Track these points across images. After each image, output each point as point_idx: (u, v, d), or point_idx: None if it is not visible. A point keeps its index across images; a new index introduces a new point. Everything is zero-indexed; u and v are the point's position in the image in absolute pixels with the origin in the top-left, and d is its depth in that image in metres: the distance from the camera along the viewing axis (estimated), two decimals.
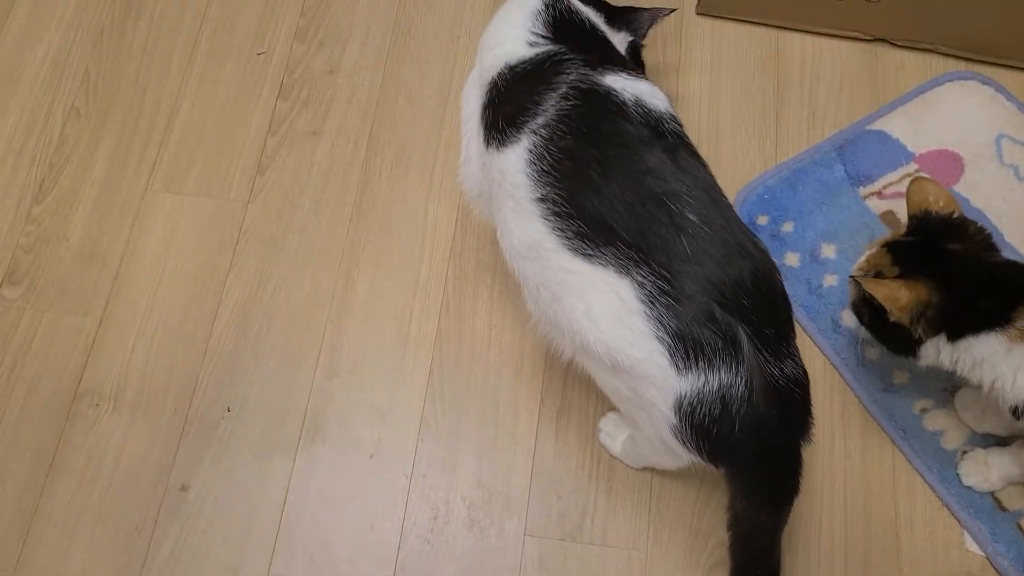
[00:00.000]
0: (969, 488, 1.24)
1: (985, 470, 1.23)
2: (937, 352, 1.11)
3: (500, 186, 1.05)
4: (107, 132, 1.51)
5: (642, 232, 0.94)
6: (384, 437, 1.31)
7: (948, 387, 1.30)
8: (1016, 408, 1.06)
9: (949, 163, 1.46)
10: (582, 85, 1.02)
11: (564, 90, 1.02)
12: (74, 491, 1.26)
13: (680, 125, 1.06)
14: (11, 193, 1.46)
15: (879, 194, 1.44)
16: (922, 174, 1.45)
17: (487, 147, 1.07)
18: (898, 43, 1.57)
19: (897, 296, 1.07)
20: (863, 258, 1.17)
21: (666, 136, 1.02)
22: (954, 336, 1.08)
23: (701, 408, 0.92)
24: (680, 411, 0.93)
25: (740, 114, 1.53)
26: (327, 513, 1.26)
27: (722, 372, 0.91)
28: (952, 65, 1.56)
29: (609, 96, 1.02)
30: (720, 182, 1.09)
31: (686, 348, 0.91)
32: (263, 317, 1.38)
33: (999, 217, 1.42)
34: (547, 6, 1.12)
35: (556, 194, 0.98)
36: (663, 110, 1.04)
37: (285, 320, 1.37)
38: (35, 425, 1.30)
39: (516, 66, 1.07)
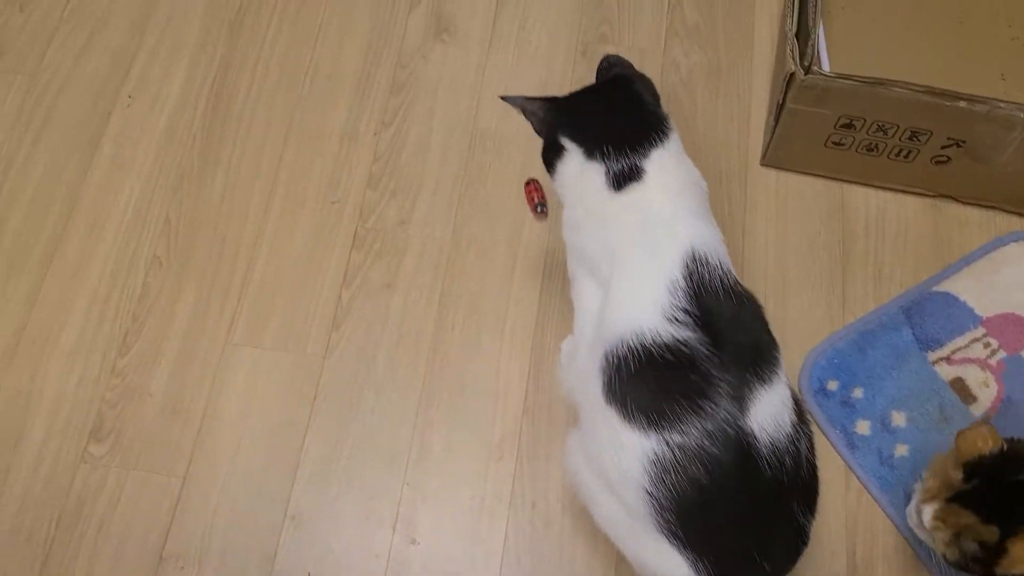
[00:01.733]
0: None
1: None
2: None
3: (603, 456, 1.09)
4: (188, 282, 1.55)
5: None
6: None
7: None
8: None
9: (1017, 328, 1.48)
10: (728, 431, 1.01)
11: (710, 428, 1.01)
12: None
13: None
14: (97, 345, 1.50)
15: (948, 360, 1.45)
16: (989, 339, 1.46)
17: (604, 397, 1.08)
18: (962, 199, 1.59)
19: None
20: (929, 516, 1.16)
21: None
22: None
23: None
24: None
25: (806, 270, 1.56)
26: None
27: None
28: (1016, 223, 1.58)
29: (750, 451, 1.03)
30: (788, 341, 1.28)
31: None
32: (341, 478, 1.41)
33: None
34: (689, 275, 1.08)
35: (666, 503, 1.03)
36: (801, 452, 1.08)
37: (363, 481, 1.41)
38: None
39: (652, 350, 1.04)
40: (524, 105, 1.22)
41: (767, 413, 1.04)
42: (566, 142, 1.19)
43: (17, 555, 1.35)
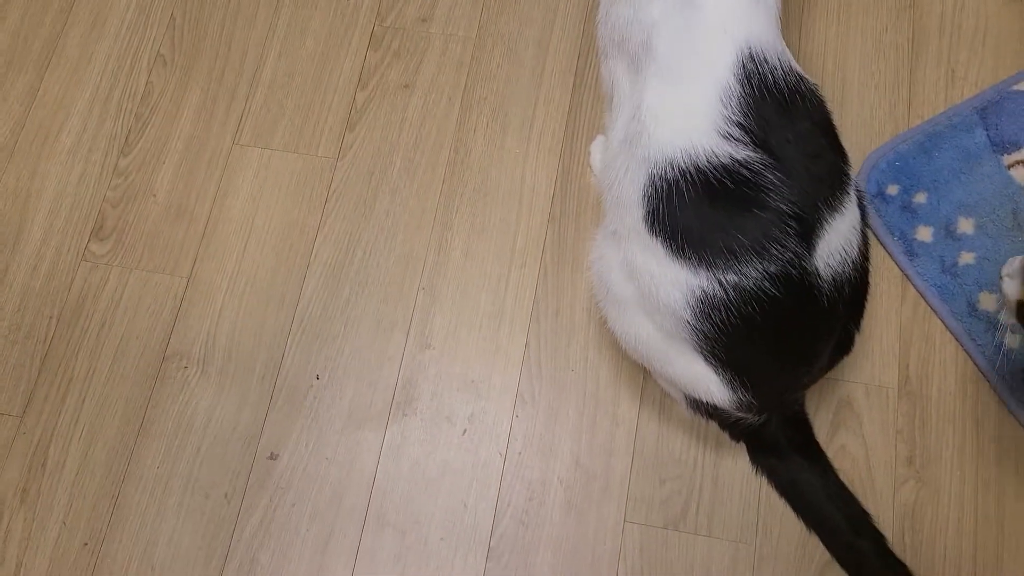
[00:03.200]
0: None
1: None
2: None
3: (640, 279, 0.97)
4: (193, 82, 1.45)
5: None
6: (477, 412, 1.25)
7: None
8: None
9: None
10: (792, 272, 0.88)
11: (773, 271, 0.88)
12: (163, 456, 1.23)
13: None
14: (98, 145, 1.42)
15: None
16: None
17: (647, 226, 0.93)
18: None
19: None
20: None
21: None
22: None
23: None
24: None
25: (870, 71, 1.40)
26: (419, 489, 1.21)
27: None
28: None
29: (812, 290, 0.90)
30: (847, 146, 1.02)
31: None
32: (353, 282, 1.32)
33: None
34: (748, 78, 0.90)
35: (711, 334, 0.92)
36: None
37: (376, 286, 1.31)
38: (124, 386, 1.27)
39: (708, 173, 0.88)
40: None
41: (835, 245, 0.92)
42: None
43: (16, 351, 1.30)
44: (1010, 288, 1.05)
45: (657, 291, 0.95)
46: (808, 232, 0.89)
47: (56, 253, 1.35)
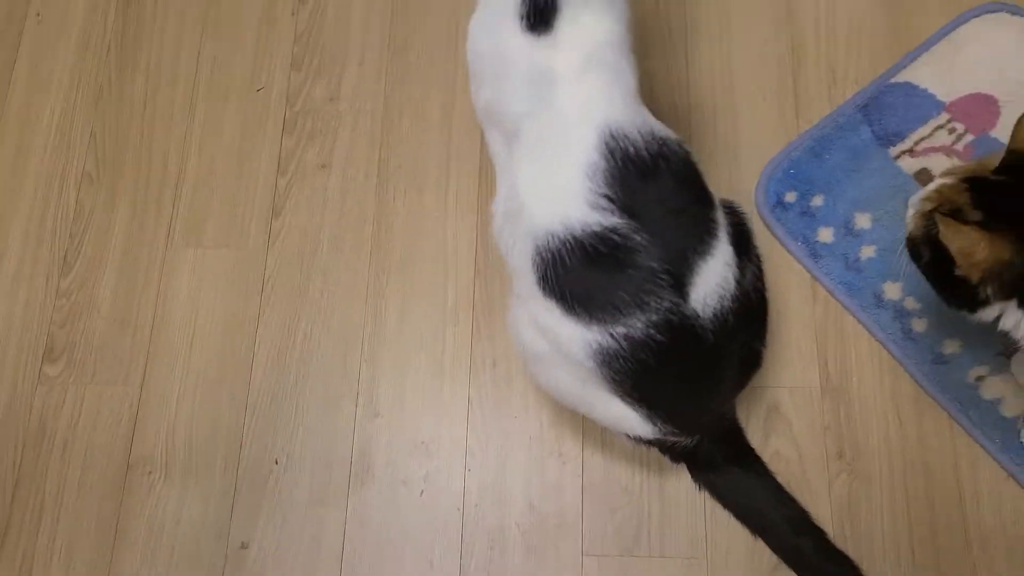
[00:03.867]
0: None
1: None
2: (1000, 315, 1.01)
3: (546, 335, 1.04)
4: (121, 193, 1.51)
5: None
6: (432, 472, 1.31)
7: (1004, 351, 1.25)
8: None
9: (984, 107, 1.38)
10: (672, 319, 0.96)
11: (655, 319, 0.96)
12: (140, 562, 1.29)
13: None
14: (39, 269, 1.47)
15: (911, 152, 1.37)
16: (954, 123, 1.37)
17: (540, 290, 1.01)
18: None
19: (974, 251, 0.93)
20: (932, 186, 1.02)
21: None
22: None
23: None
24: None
25: (756, 83, 1.47)
26: (385, 556, 1.27)
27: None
28: None
29: (695, 330, 0.98)
30: (741, 158, 1.27)
31: None
32: (298, 364, 1.38)
33: None
34: (611, 153, 0.97)
35: (616, 378, 1.00)
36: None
37: (320, 364, 1.38)
38: (94, 500, 1.33)
39: (584, 241, 0.96)
40: None
41: (710, 286, 0.99)
42: None
43: None
44: (908, 217, 1.07)
45: (561, 346, 1.03)
46: (680, 282, 0.96)
47: (12, 382, 1.41)
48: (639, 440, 1.13)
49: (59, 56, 1.62)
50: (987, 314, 1.00)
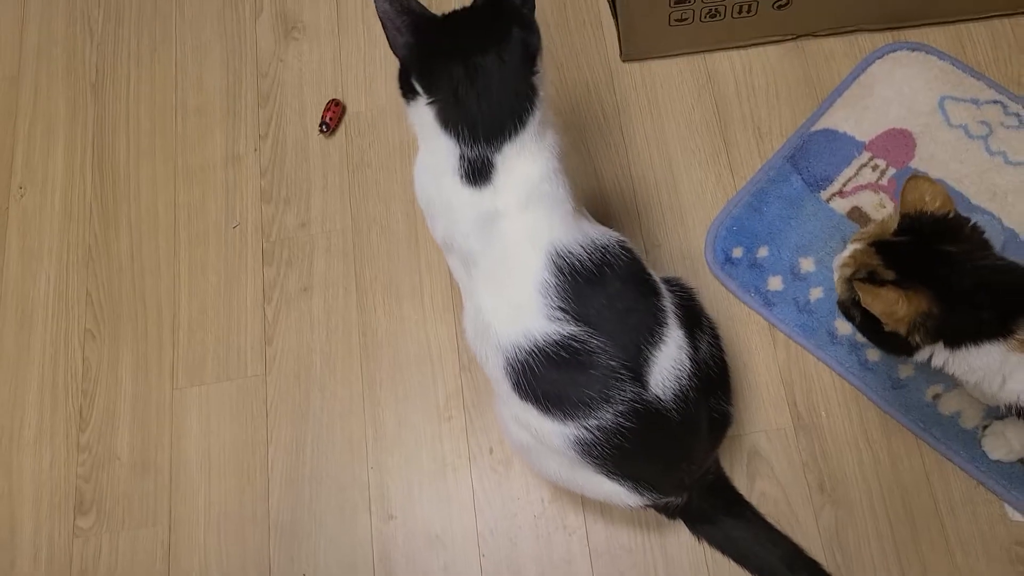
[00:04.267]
0: (997, 461, 1.29)
1: (1006, 442, 1.28)
2: (932, 356, 1.10)
3: (529, 431, 1.15)
4: (123, 345, 1.61)
5: None
6: (449, 562, 1.40)
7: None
8: (1012, 407, 1.09)
9: (900, 141, 1.49)
10: (637, 407, 1.06)
11: (621, 409, 1.05)
12: None
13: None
14: (58, 429, 1.57)
15: (840, 193, 1.48)
16: (876, 160, 1.48)
17: (516, 394, 1.10)
18: (821, 32, 1.59)
19: (895, 310, 1.03)
20: (847, 252, 1.13)
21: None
22: (953, 345, 1.06)
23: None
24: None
25: (691, 150, 1.58)
26: None
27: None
28: (879, 40, 1.58)
29: (660, 412, 1.08)
30: (687, 222, 1.44)
31: None
32: (310, 480, 1.48)
33: (959, 180, 1.45)
34: (559, 270, 1.06)
35: (598, 462, 1.10)
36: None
37: (330, 477, 1.47)
38: None
39: (548, 350, 1.05)
40: (389, 16, 1.04)
41: (666, 370, 1.09)
42: (418, 85, 1.06)
43: None
44: (835, 281, 1.16)
45: (544, 439, 1.13)
46: (638, 373, 1.06)
47: (49, 539, 1.50)
48: (632, 508, 1.23)
49: (46, 224, 1.73)
50: (921, 356, 1.09)
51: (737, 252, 1.47)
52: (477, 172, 1.06)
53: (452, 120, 1.06)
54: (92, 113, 1.81)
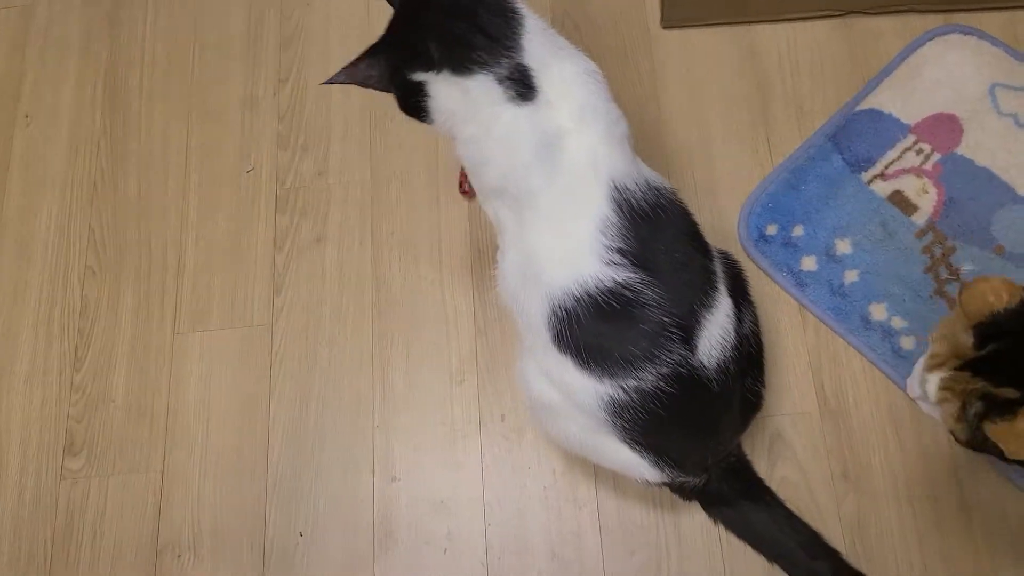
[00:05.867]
0: None
1: None
2: None
3: (559, 388, 1.09)
4: (124, 285, 1.55)
5: None
6: (453, 529, 1.34)
7: None
8: None
9: (947, 127, 1.44)
10: (681, 371, 1.01)
11: (664, 372, 1.00)
12: None
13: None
14: (51, 367, 1.51)
15: (882, 176, 1.42)
16: (921, 144, 1.43)
17: (556, 346, 1.05)
18: (871, 11, 1.54)
19: None
20: (935, 384, 0.97)
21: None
22: None
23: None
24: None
25: (728, 124, 1.52)
26: None
27: None
28: (930, 22, 1.53)
29: (702, 381, 1.03)
30: (720, 197, 1.38)
31: None
32: (313, 436, 1.42)
33: (1006, 170, 1.40)
34: (619, 207, 1.00)
35: (626, 427, 1.05)
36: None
37: (334, 434, 1.41)
38: None
39: (598, 298, 0.99)
40: (351, 77, 1.05)
41: (714, 337, 1.04)
42: (421, 76, 1.04)
43: None
44: (935, 414, 1.02)
45: (574, 397, 1.07)
46: (689, 335, 1.01)
47: (36, 478, 1.44)
48: (649, 483, 1.18)
49: (51, 156, 1.66)
50: None
51: (771, 229, 1.42)
52: (520, 86, 1.00)
53: (465, 59, 1.01)
54: (105, 46, 1.74)
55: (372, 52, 1.05)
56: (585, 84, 1.03)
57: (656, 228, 1.03)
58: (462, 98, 1.03)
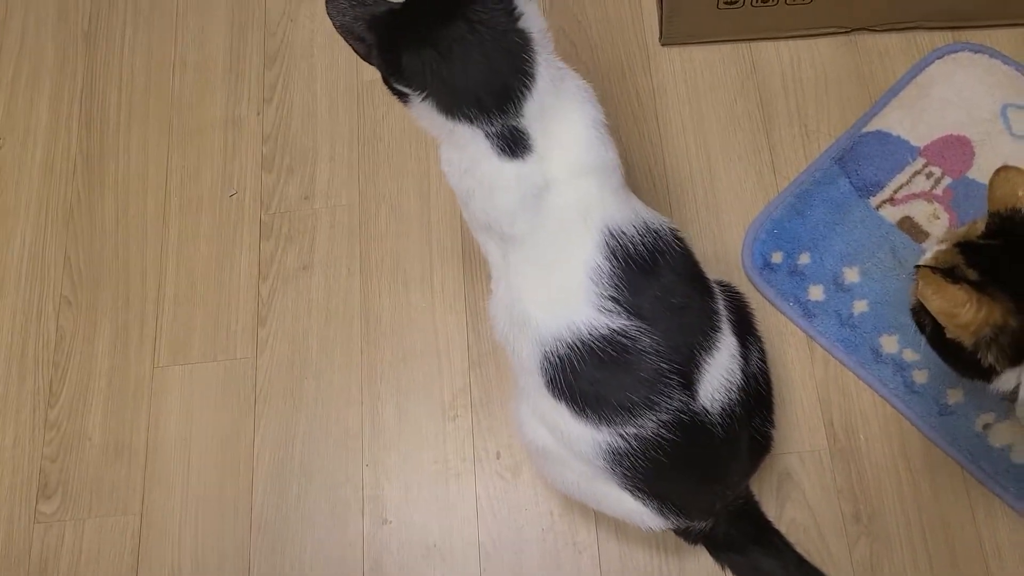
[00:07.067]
0: None
1: None
2: (1019, 384, 0.96)
3: (554, 433, 1.04)
4: (101, 316, 1.48)
5: None
6: (446, 574, 1.28)
7: (1007, 395, 1.24)
8: None
9: (957, 149, 1.38)
10: (683, 418, 0.95)
11: (665, 419, 0.95)
12: None
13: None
14: (24, 403, 1.44)
15: (892, 201, 1.37)
16: (931, 168, 1.37)
17: (549, 392, 0.99)
18: (877, 28, 1.49)
19: (958, 311, 0.90)
20: (930, 254, 1.00)
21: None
22: None
23: None
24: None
25: (730, 144, 1.47)
26: None
27: None
28: (939, 39, 1.48)
29: (705, 427, 0.98)
30: (723, 221, 1.33)
31: None
32: (299, 476, 1.35)
33: None
34: (612, 253, 0.95)
35: (627, 475, 0.99)
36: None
37: (322, 474, 1.35)
38: None
39: (592, 345, 0.94)
40: (345, 29, 0.93)
41: (717, 380, 0.99)
42: (405, 88, 0.96)
43: None
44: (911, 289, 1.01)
45: (571, 445, 1.01)
46: (689, 380, 0.95)
47: (8, 523, 1.37)
48: (653, 531, 1.12)
49: (24, 179, 1.60)
50: (1004, 383, 0.97)
51: (776, 257, 1.36)
52: (512, 144, 0.94)
53: (452, 105, 0.94)
54: (83, 63, 1.67)
55: (371, 24, 0.93)
56: (586, 142, 0.97)
57: (653, 273, 0.98)
58: (446, 130, 0.97)
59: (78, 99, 1.64)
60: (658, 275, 0.97)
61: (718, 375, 0.98)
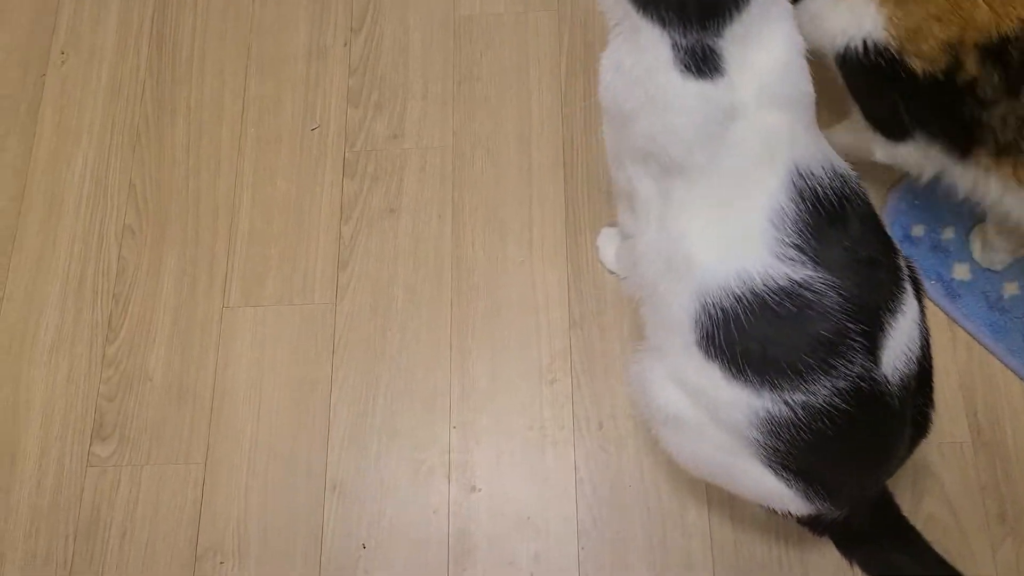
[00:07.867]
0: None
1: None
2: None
3: (698, 399, 0.92)
4: (168, 248, 1.37)
5: None
6: (541, 551, 1.17)
7: None
8: None
9: None
10: (862, 386, 0.83)
11: (842, 386, 0.83)
12: None
13: None
14: (80, 337, 1.32)
15: None
16: None
17: (701, 350, 0.88)
18: None
19: None
20: None
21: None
22: None
23: None
24: None
25: None
26: None
27: None
28: None
29: (883, 398, 0.86)
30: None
31: None
32: (380, 434, 1.24)
33: None
34: (800, 195, 0.84)
35: (781, 450, 0.88)
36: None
37: (405, 433, 1.24)
38: None
39: (766, 297, 0.83)
40: None
41: (899, 347, 0.87)
42: None
43: None
44: None
45: (717, 411, 0.90)
46: (874, 344, 0.83)
47: (59, 465, 1.25)
48: (790, 516, 1.00)
49: (88, 98, 1.48)
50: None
51: (918, 230, 1.25)
52: (700, 62, 0.82)
53: (652, 2, 0.83)
54: None
55: None
56: (785, 70, 0.85)
57: (841, 221, 0.86)
58: (629, 24, 0.86)
59: (149, 17, 1.53)
60: (846, 223, 0.86)
61: (901, 341, 0.87)
